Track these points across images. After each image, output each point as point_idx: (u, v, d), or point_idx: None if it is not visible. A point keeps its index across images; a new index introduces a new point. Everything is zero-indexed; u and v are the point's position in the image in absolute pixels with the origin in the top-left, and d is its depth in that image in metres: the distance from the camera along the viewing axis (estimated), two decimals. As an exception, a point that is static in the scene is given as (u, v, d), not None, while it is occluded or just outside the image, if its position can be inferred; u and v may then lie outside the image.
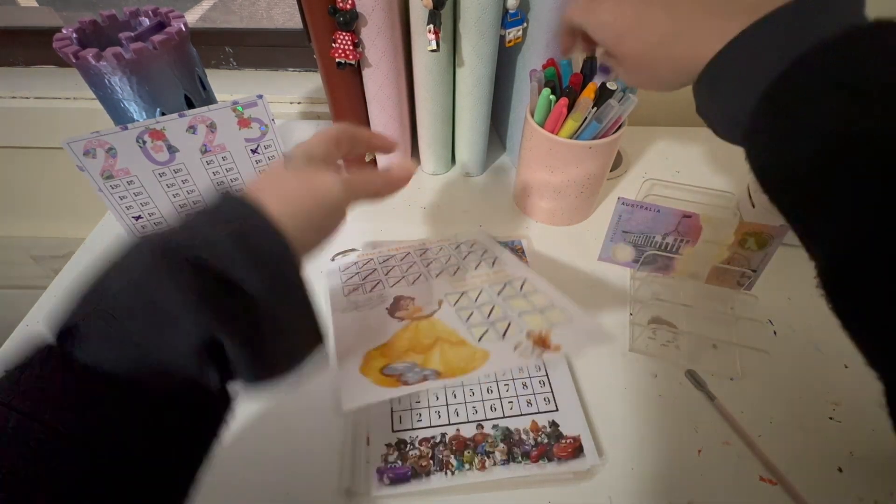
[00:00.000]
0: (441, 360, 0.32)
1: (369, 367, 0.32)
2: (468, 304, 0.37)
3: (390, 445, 0.37)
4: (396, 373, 0.31)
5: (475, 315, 0.36)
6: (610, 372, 0.42)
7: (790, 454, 0.36)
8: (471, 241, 0.51)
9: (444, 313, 0.37)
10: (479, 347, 0.32)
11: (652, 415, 0.39)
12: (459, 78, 0.51)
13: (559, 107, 0.44)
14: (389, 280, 0.43)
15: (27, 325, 0.46)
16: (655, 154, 0.64)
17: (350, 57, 0.47)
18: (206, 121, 0.44)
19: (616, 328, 0.45)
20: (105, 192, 0.44)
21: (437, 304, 0.39)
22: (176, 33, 0.45)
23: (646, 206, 0.45)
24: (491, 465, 0.36)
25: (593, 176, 0.50)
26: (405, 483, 0.35)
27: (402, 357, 0.32)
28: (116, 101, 0.45)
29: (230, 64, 0.74)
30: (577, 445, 0.37)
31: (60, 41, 0.43)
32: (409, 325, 0.37)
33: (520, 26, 0.48)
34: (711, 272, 0.46)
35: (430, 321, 0.36)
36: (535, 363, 0.32)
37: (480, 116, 0.54)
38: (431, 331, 0.35)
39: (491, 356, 0.31)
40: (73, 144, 0.41)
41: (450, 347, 0.33)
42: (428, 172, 0.62)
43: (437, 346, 0.33)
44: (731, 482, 0.36)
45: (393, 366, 0.32)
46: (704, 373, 0.42)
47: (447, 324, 0.35)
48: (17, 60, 0.75)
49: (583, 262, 0.51)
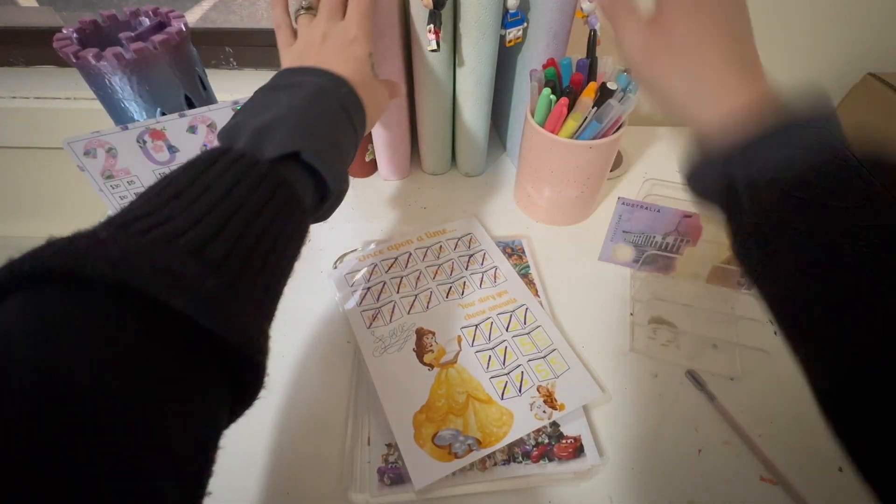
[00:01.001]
0: (477, 423, 0.37)
1: (422, 437, 0.37)
2: (483, 341, 0.43)
3: (391, 446, 0.37)
4: (445, 443, 0.36)
5: (493, 361, 0.42)
6: (610, 372, 0.42)
7: (790, 454, 0.36)
8: (468, 237, 0.52)
9: (466, 358, 0.42)
10: (505, 407, 0.39)
11: (652, 415, 0.39)
12: (460, 78, 0.51)
13: (559, 107, 0.44)
14: (404, 303, 0.46)
15: (27, 325, 0.46)
16: (655, 154, 0.64)
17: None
18: (206, 121, 0.44)
19: (616, 328, 0.45)
20: (105, 192, 0.44)
21: (458, 343, 0.43)
22: (176, 33, 0.45)
23: (646, 205, 0.45)
24: (492, 465, 0.36)
25: (593, 176, 0.50)
26: (405, 483, 0.35)
27: (444, 421, 0.38)
28: (117, 101, 0.45)
29: (230, 64, 0.74)
30: (578, 445, 0.37)
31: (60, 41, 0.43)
32: (440, 375, 0.41)
33: (520, 26, 0.48)
34: (712, 272, 0.46)
35: (457, 370, 0.41)
36: (547, 423, 0.38)
37: (480, 116, 0.54)
38: (461, 383, 0.40)
39: (515, 417, 0.38)
40: (74, 144, 0.41)
41: (481, 407, 0.39)
42: (428, 172, 0.62)
43: (470, 406, 0.39)
44: (731, 482, 0.36)
45: (441, 434, 0.37)
46: (704, 373, 0.42)
47: (472, 374, 0.41)
48: (17, 60, 0.75)
49: (583, 262, 0.51)
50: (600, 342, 0.44)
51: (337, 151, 0.30)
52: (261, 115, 0.28)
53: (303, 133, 0.28)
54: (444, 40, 0.46)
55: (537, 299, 0.46)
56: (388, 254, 0.50)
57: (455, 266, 0.49)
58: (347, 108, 0.32)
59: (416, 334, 0.43)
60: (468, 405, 0.39)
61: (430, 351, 0.42)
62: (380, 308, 0.45)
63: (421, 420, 0.38)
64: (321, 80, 0.32)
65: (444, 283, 0.48)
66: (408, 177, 0.62)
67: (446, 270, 0.49)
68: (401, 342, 0.43)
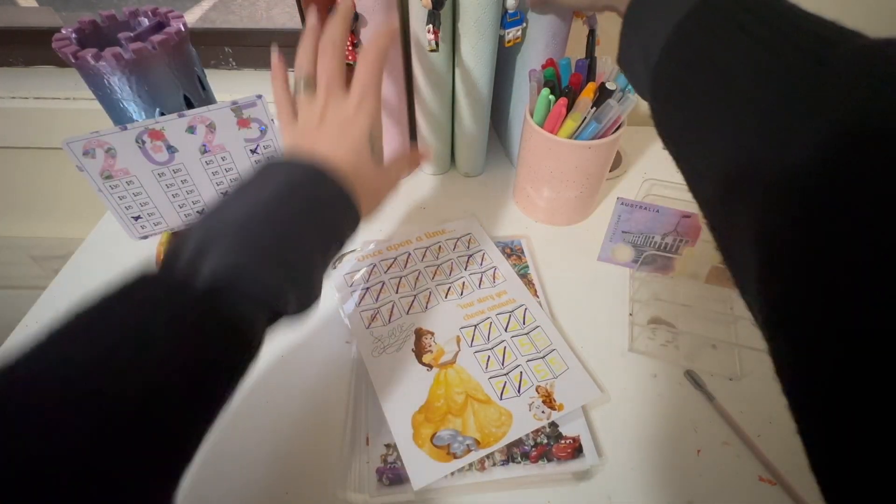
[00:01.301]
0: (475, 423, 0.37)
1: (421, 437, 0.37)
2: (482, 341, 0.43)
3: (390, 446, 0.37)
4: (444, 443, 0.36)
5: (492, 361, 0.42)
6: (609, 372, 0.42)
7: (790, 454, 0.36)
8: (467, 237, 0.52)
9: (465, 358, 0.42)
10: (504, 407, 0.38)
11: (651, 415, 0.39)
12: (459, 78, 0.51)
13: (558, 107, 0.44)
14: (403, 303, 0.46)
15: (27, 325, 0.46)
16: (655, 154, 0.64)
17: (349, 57, 0.47)
18: (205, 121, 0.44)
19: (615, 328, 0.45)
20: (104, 192, 0.44)
21: (457, 343, 0.43)
22: (175, 33, 0.45)
23: (645, 206, 0.45)
24: (490, 466, 0.36)
25: (592, 176, 0.50)
26: (404, 483, 0.35)
27: (443, 421, 0.38)
28: (116, 101, 0.45)
29: (230, 64, 0.74)
30: (577, 446, 0.37)
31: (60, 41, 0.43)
32: (438, 376, 0.41)
33: (519, 26, 0.48)
34: (711, 272, 0.46)
35: (456, 370, 0.41)
36: (546, 423, 0.38)
37: (480, 116, 0.54)
38: (460, 384, 0.40)
39: (514, 418, 0.38)
40: (73, 144, 0.41)
41: (480, 407, 0.39)
42: (428, 172, 0.62)
43: (468, 406, 0.39)
44: (730, 482, 0.36)
45: (439, 435, 0.37)
46: (704, 373, 0.42)
47: (471, 374, 0.41)
48: (17, 60, 0.75)
49: (582, 262, 0.51)
50: (599, 342, 0.44)
51: (299, 262, 0.26)
52: (213, 219, 0.25)
53: (246, 247, 0.24)
54: (443, 40, 0.46)
55: (536, 299, 0.46)
56: (387, 254, 0.50)
57: (454, 266, 0.49)
58: (324, 205, 0.28)
59: (414, 334, 0.43)
60: (467, 405, 0.39)
61: (429, 351, 0.42)
62: (379, 308, 0.45)
63: (420, 420, 0.38)
64: (293, 175, 0.28)
65: (444, 283, 0.48)
66: (407, 177, 0.62)
67: (445, 270, 0.49)
68: (400, 342, 0.43)
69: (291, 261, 0.26)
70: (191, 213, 0.49)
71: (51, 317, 0.19)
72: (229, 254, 0.23)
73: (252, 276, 0.24)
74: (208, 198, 0.49)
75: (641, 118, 0.73)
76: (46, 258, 0.92)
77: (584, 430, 0.38)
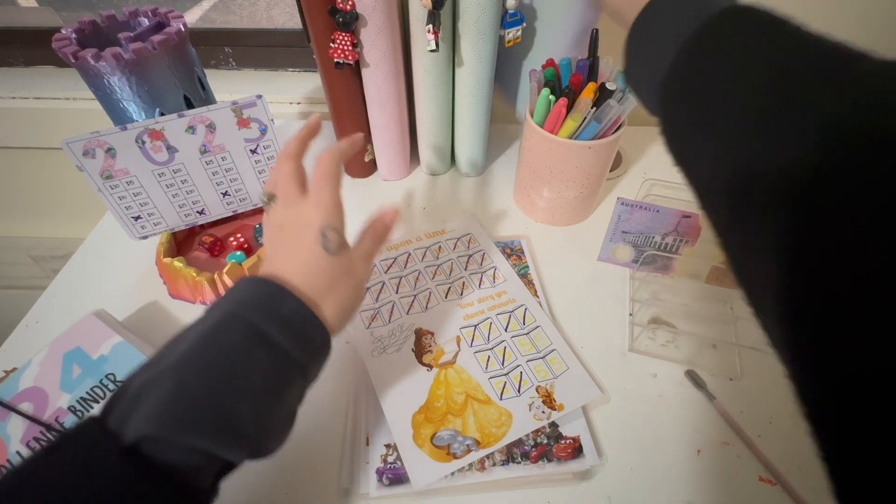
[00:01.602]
0: (476, 423, 0.37)
1: (421, 437, 0.37)
2: (482, 342, 0.43)
3: (390, 446, 0.37)
4: (444, 443, 0.36)
5: (492, 361, 0.42)
6: (610, 372, 0.42)
7: (790, 454, 0.36)
8: (467, 237, 0.52)
9: (465, 358, 0.42)
10: (504, 407, 0.38)
11: (651, 415, 0.39)
12: (459, 78, 0.51)
13: (558, 107, 0.44)
14: (403, 303, 0.46)
15: (27, 325, 0.46)
16: (655, 154, 0.64)
17: (348, 57, 0.47)
18: (205, 121, 0.44)
19: (615, 328, 0.45)
20: (104, 192, 0.44)
21: (457, 344, 0.43)
22: (175, 33, 0.45)
23: (645, 206, 0.45)
24: (490, 466, 0.36)
25: (593, 176, 0.50)
26: (404, 483, 0.35)
27: (443, 421, 0.38)
28: (115, 102, 0.45)
29: (230, 64, 0.74)
30: (577, 446, 0.37)
31: (60, 41, 0.43)
32: (438, 376, 0.41)
33: (519, 26, 0.48)
34: (711, 272, 0.46)
35: (456, 370, 0.41)
36: (546, 423, 0.38)
37: (480, 116, 0.54)
38: (460, 384, 0.40)
39: (514, 418, 0.38)
40: (73, 144, 0.41)
41: (480, 407, 0.39)
42: (428, 172, 0.62)
43: (468, 406, 0.39)
44: (730, 482, 0.36)
45: (440, 435, 0.37)
46: (704, 373, 0.42)
47: (471, 374, 0.41)
48: (17, 60, 0.75)
49: (582, 262, 0.51)
50: (599, 342, 0.44)
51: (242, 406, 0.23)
52: (156, 364, 0.24)
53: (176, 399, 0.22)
54: (443, 40, 0.46)
55: (536, 299, 0.46)
56: (387, 254, 0.50)
57: (454, 266, 0.49)
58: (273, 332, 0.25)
59: (414, 334, 0.43)
60: (467, 405, 0.38)
61: (429, 351, 0.42)
62: (379, 308, 0.45)
63: (420, 420, 0.38)
64: (231, 304, 0.26)
65: (444, 283, 0.48)
66: (407, 177, 0.62)
67: (445, 271, 0.49)
68: (399, 342, 0.43)
69: (250, 391, 0.24)
70: (190, 213, 0.49)
71: (51, 317, 0.19)
72: (154, 413, 0.22)
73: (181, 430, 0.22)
74: (208, 198, 0.49)
75: (641, 118, 0.73)
76: (46, 258, 0.92)
77: (584, 430, 0.38)
